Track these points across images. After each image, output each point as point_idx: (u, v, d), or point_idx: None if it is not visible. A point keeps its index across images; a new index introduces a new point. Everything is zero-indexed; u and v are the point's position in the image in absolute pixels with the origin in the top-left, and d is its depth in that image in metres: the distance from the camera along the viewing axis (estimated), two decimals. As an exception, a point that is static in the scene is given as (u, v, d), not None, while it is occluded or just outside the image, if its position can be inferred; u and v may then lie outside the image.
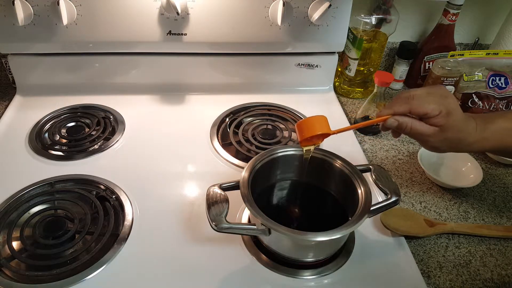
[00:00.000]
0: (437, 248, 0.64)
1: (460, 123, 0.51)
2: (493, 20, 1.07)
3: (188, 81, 0.95)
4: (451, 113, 0.50)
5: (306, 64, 0.96)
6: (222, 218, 0.52)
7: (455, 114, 0.50)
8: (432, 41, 0.99)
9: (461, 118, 0.52)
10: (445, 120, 0.51)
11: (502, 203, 0.74)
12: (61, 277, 0.55)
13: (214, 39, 0.87)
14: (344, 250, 0.61)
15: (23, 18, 0.77)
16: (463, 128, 0.52)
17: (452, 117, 0.50)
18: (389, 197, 0.58)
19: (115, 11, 0.81)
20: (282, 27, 0.86)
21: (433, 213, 0.71)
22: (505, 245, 0.66)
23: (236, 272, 0.58)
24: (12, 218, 0.63)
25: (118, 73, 0.92)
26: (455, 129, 0.51)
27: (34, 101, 0.89)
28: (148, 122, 0.85)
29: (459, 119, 0.51)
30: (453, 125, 0.51)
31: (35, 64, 0.88)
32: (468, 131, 0.52)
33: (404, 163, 0.82)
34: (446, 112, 0.50)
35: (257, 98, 0.94)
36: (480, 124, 0.53)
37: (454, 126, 0.51)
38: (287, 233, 0.50)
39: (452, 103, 0.50)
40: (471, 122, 0.53)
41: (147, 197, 0.68)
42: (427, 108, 0.50)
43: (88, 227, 0.61)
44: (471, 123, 0.53)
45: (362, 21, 0.93)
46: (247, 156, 0.76)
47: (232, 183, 0.58)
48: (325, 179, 0.64)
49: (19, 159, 0.74)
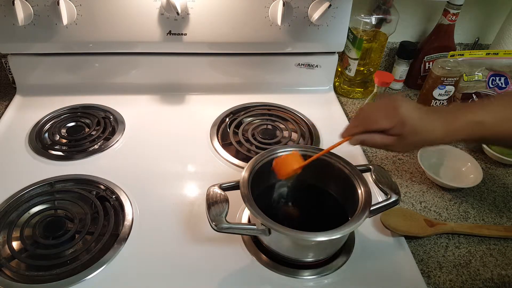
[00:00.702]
0: (437, 248, 0.64)
1: (419, 126, 0.52)
2: (493, 20, 1.07)
3: (188, 81, 0.95)
4: (405, 122, 0.51)
5: (306, 64, 0.96)
6: (222, 218, 0.53)
7: (410, 121, 0.51)
8: (432, 41, 0.99)
9: (419, 121, 0.52)
10: (401, 130, 0.52)
11: (502, 203, 0.74)
12: (61, 277, 0.55)
13: (214, 39, 0.87)
14: (344, 250, 0.61)
15: (23, 18, 0.77)
16: (423, 129, 0.52)
17: (408, 125, 0.51)
18: (389, 197, 0.58)
19: (115, 11, 0.81)
20: (282, 27, 0.86)
21: (433, 213, 0.71)
22: (505, 245, 0.66)
23: (236, 272, 0.58)
24: (12, 218, 0.63)
25: (118, 73, 0.92)
26: (414, 133, 0.52)
27: (34, 101, 0.89)
28: (148, 122, 0.85)
29: (417, 123, 0.52)
30: (411, 130, 0.52)
31: (35, 64, 0.88)
32: (431, 129, 0.52)
33: (404, 163, 0.82)
34: (399, 123, 0.52)
35: (257, 98, 0.94)
36: (448, 118, 0.53)
37: (413, 131, 0.52)
38: (287, 233, 0.50)
39: (404, 112, 0.51)
40: (434, 119, 0.53)
41: (147, 197, 0.68)
42: (380, 125, 0.53)
43: (88, 227, 0.61)
44: (434, 120, 0.53)
45: (362, 21, 0.93)
46: (247, 156, 0.76)
47: (232, 183, 0.58)
48: (325, 179, 0.64)
49: (19, 159, 0.74)
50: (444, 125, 0.52)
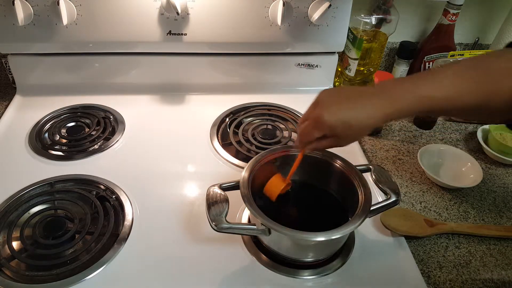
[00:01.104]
0: (437, 248, 0.64)
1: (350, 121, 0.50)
2: (493, 20, 1.07)
3: (188, 81, 0.95)
4: (332, 126, 0.51)
5: (306, 64, 0.96)
6: (222, 218, 0.53)
7: (336, 123, 0.50)
8: (432, 41, 0.99)
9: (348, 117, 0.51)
10: (333, 133, 0.52)
11: (502, 203, 0.74)
12: (61, 277, 0.55)
13: (214, 39, 0.87)
14: (344, 250, 0.61)
15: (23, 18, 0.77)
16: (357, 120, 0.51)
17: (336, 127, 0.51)
18: (389, 197, 0.58)
19: (115, 11, 0.81)
20: (282, 27, 0.86)
21: (433, 213, 0.71)
22: (505, 245, 0.66)
23: (236, 272, 0.58)
24: (12, 218, 0.63)
25: (118, 73, 0.92)
26: (348, 128, 0.51)
27: (34, 101, 0.89)
28: (148, 122, 0.85)
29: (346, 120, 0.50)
30: (343, 128, 0.51)
31: (35, 64, 0.88)
32: (366, 116, 0.51)
33: (404, 163, 0.82)
34: (328, 129, 0.51)
35: (257, 98, 0.94)
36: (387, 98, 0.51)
37: (345, 128, 0.51)
38: (287, 233, 0.50)
39: (327, 118, 0.50)
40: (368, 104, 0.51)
41: (147, 197, 0.68)
42: (314, 136, 0.53)
43: (88, 227, 0.61)
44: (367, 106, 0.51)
45: (362, 21, 0.93)
46: (247, 156, 0.76)
47: (232, 183, 0.58)
48: (325, 179, 0.64)
49: (19, 159, 0.74)
50: (384, 106, 0.50)
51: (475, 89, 0.49)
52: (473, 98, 0.49)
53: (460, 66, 0.52)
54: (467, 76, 0.50)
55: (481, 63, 0.50)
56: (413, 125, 0.93)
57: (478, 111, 0.51)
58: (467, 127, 0.94)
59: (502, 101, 0.48)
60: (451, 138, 0.90)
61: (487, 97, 0.49)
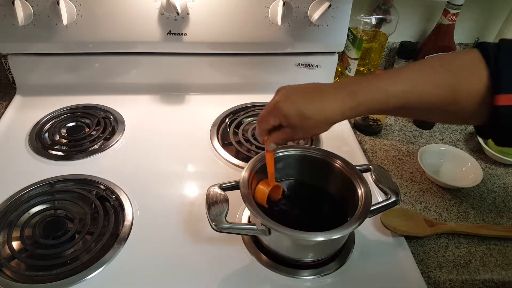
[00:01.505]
0: (437, 248, 0.64)
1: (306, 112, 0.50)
2: (493, 20, 1.07)
3: (188, 81, 0.95)
4: (287, 115, 0.51)
5: (306, 64, 0.96)
6: (222, 218, 0.53)
7: (291, 111, 0.50)
8: (432, 41, 0.99)
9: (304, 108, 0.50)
10: (288, 122, 0.51)
11: (502, 203, 0.74)
12: (61, 277, 0.55)
13: (214, 39, 0.87)
14: (344, 250, 0.61)
15: (23, 18, 0.77)
16: (314, 112, 0.50)
17: (292, 117, 0.50)
18: (389, 197, 0.58)
19: (115, 11, 0.81)
20: (282, 27, 0.86)
21: (433, 213, 0.71)
22: (505, 245, 0.66)
23: (236, 272, 0.58)
24: (12, 218, 0.63)
25: (118, 73, 0.92)
26: (304, 118, 0.50)
27: (34, 101, 0.89)
28: (148, 122, 0.85)
29: (302, 110, 0.50)
30: (299, 118, 0.50)
31: (35, 64, 0.88)
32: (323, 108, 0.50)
33: (404, 163, 0.82)
34: (282, 117, 0.51)
35: (257, 98, 0.94)
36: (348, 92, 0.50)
37: (301, 118, 0.50)
38: (287, 233, 0.50)
39: (283, 106, 0.51)
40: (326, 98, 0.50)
41: (147, 197, 0.68)
42: (269, 123, 0.53)
43: (88, 227, 0.61)
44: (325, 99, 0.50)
45: (362, 21, 0.93)
46: (247, 156, 0.76)
47: (232, 183, 0.58)
48: (325, 179, 0.64)
49: (19, 159, 0.74)
50: (343, 100, 0.50)
51: (436, 85, 0.47)
52: (433, 95, 0.47)
53: (423, 62, 0.51)
54: (428, 71, 0.48)
55: (447, 59, 0.48)
56: (413, 125, 0.93)
57: (443, 110, 0.49)
58: (467, 127, 0.94)
59: (467, 101, 0.46)
60: (451, 138, 0.90)
61: (450, 95, 0.47)
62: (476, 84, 0.45)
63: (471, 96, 0.46)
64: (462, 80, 0.46)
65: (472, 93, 0.46)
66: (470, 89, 0.46)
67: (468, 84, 0.46)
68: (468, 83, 0.46)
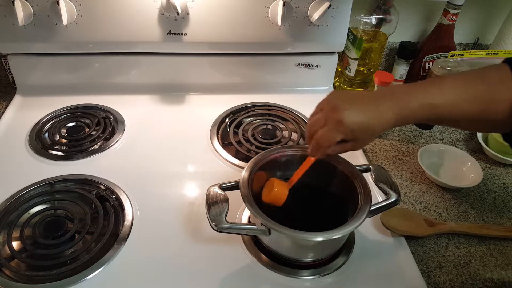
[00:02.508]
0: (437, 248, 0.64)
1: (368, 124, 0.51)
2: (493, 20, 1.07)
3: (188, 81, 0.95)
4: (354, 129, 0.51)
5: (306, 64, 0.96)
6: (222, 218, 0.53)
7: (357, 125, 0.51)
8: (432, 41, 0.99)
9: (366, 119, 0.51)
10: (353, 136, 0.52)
11: (502, 203, 0.74)
12: (61, 277, 0.55)
13: (214, 39, 0.87)
14: (344, 250, 0.61)
15: (23, 18, 0.77)
16: (373, 122, 0.51)
17: (357, 130, 0.51)
18: (389, 197, 0.58)
19: (115, 11, 0.81)
20: (282, 27, 0.86)
21: (433, 213, 0.71)
22: (505, 245, 0.66)
23: (236, 272, 0.58)
24: (12, 218, 0.63)
25: (118, 73, 0.92)
26: (366, 130, 0.51)
27: (34, 101, 0.89)
28: (148, 122, 0.85)
29: (365, 122, 0.51)
30: (362, 131, 0.51)
31: (35, 64, 0.88)
32: (380, 118, 0.51)
33: (404, 163, 0.82)
34: (349, 132, 0.51)
35: (257, 98, 0.94)
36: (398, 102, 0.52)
37: (364, 131, 0.51)
38: (287, 233, 0.50)
39: (347, 120, 0.50)
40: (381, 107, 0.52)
41: (147, 197, 0.68)
42: (333, 141, 0.52)
43: (88, 227, 0.61)
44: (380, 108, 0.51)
45: (362, 21, 0.93)
46: (247, 156, 0.76)
47: (232, 183, 0.58)
48: (325, 179, 0.64)
49: (19, 159, 0.74)
50: (394, 110, 0.51)
51: (474, 97, 0.51)
52: (473, 106, 0.51)
53: (461, 75, 0.54)
54: (468, 84, 0.52)
55: (481, 73, 0.52)
56: (413, 125, 0.93)
57: (477, 119, 0.52)
58: (467, 127, 0.94)
59: (500, 111, 0.50)
60: (451, 138, 0.90)
61: (486, 106, 0.50)
62: (508, 95, 0.50)
63: (502, 107, 0.50)
64: (498, 92, 0.50)
65: (503, 103, 0.50)
66: (503, 101, 0.50)
67: (502, 96, 0.50)
68: (502, 95, 0.50)
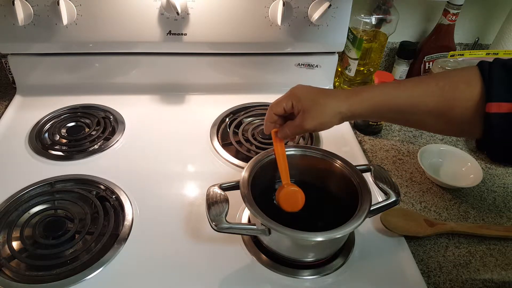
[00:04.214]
0: (437, 248, 0.64)
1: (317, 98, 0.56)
2: (493, 20, 1.07)
3: (188, 81, 0.95)
4: (300, 97, 0.56)
5: (306, 64, 0.96)
6: (222, 218, 0.53)
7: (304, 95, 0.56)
8: (432, 41, 0.99)
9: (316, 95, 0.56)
10: (300, 104, 0.56)
11: (502, 203, 0.74)
12: (61, 277, 0.55)
13: (214, 39, 0.87)
14: (344, 250, 0.61)
15: (23, 18, 0.76)
16: (324, 100, 0.55)
17: (304, 99, 0.56)
18: (389, 197, 0.58)
19: (115, 11, 0.81)
20: (282, 27, 0.86)
21: (433, 213, 0.71)
22: (505, 245, 0.66)
23: (236, 272, 0.58)
24: (12, 218, 0.63)
25: (118, 73, 0.92)
26: (314, 103, 0.55)
27: (34, 101, 0.89)
28: (148, 122, 0.85)
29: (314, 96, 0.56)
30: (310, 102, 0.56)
31: (35, 64, 0.88)
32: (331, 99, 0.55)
33: (404, 163, 0.82)
34: (295, 99, 0.56)
35: (257, 98, 0.94)
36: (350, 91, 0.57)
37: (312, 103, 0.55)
38: (287, 233, 0.50)
39: (296, 90, 0.57)
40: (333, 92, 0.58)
41: (147, 197, 0.68)
42: (281, 104, 0.57)
43: (88, 227, 0.61)
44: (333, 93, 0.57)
45: (362, 21, 0.93)
46: (247, 156, 0.76)
47: (232, 183, 0.58)
48: (325, 179, 0.64)
49: (19, 159, 0.74)
50: (348, 92, 0.56)
51: (433, 92, 0.51)
52: (433, 100, 0.51)
53: (429, 74, 0.57)
54: (431, 80, 0.52)
55: (448, 72, 0.54)
56: (413, 125, 0.93)
57: (441, 117, 0.52)
58: (467, 127, 0.94)
59: (463, 111, 0.49)
60: (451, 138, 0.90)
61: (448, 103, 0.50)
62: (471, 93, 0.49)
63: (465, 105, 0.49)
64: (458, 89, 0.50)
65: (466, 102, 0.49)
66: (465, 98, 0.49)
67: (463, 93, 0.49)
68: (463, 92, 0.50)
